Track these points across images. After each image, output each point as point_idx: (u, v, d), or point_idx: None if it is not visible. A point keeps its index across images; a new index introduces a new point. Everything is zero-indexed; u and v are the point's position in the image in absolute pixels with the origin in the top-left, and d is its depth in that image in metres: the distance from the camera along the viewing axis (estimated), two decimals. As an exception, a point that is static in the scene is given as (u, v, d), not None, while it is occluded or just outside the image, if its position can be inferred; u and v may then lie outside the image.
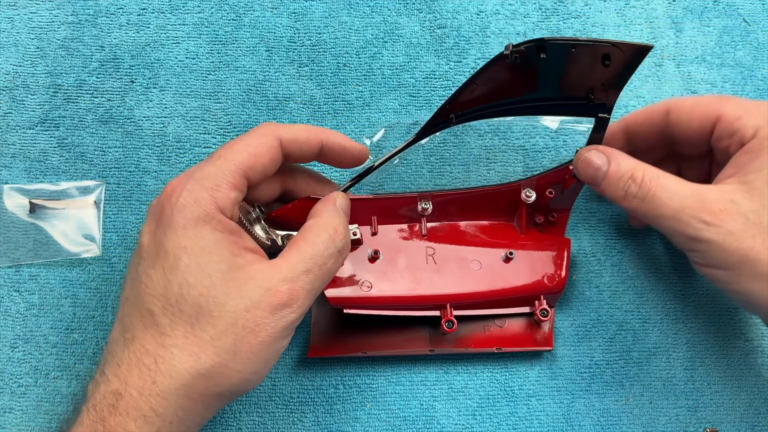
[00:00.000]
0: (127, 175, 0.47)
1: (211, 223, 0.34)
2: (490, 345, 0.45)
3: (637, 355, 0.46)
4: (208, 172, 0.35)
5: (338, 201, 0.39)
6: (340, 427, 0.44)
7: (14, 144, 0.47)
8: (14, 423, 0.43)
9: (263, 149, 0.37)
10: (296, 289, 0.34)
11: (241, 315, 0.33)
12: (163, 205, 0.35)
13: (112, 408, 0.32)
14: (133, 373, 0.33)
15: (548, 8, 0.52)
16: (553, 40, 0.36)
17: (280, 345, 0.35)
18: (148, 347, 0.33)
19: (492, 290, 0.44)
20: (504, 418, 0.45)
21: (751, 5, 0.53)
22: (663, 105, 0.42)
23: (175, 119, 0.48)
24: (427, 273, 0.44)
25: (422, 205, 0.44)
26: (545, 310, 0.44)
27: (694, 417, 0.46)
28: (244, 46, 0.50)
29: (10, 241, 0.45)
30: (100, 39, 0.49)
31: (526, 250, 0.45)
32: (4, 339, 0.44)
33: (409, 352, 0.45)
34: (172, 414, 0.33)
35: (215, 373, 0.33)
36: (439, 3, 0.51)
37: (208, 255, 0.34)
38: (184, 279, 0.33)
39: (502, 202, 0.45)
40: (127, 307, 0.35)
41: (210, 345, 0.33)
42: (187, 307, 0.33)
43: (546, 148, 0.49)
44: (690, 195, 0.36)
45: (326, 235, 0.36)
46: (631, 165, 0.39)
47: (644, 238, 0.48)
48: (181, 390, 0.32)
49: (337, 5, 0.51)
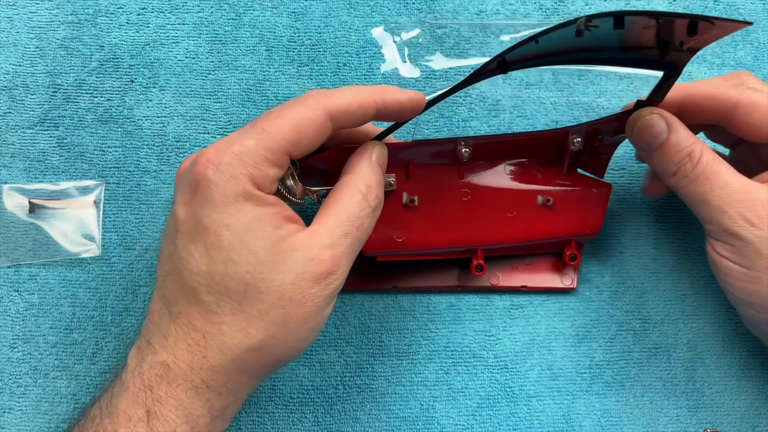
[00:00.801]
0: (126, 174, 0.47)
1: (250, 200, 0.33)
2: (515, 283, 0.46)
3: (638, 355, 0.46)
4: (247, 147, 0.33)
5: (374, 154, 0.37)
6: (340, 427, 0.44)
7: (14, 144, 0.47)
8: (14, 423, 0.43)
9: (310, 125, 0.34)
10: (338, 255, 0.34)
11: (288, 288, 0.33)
12: (198, 178, 0.33)
13: (160, 378, 0.33)
14: (180, 347, 0.33)
15: (548, 8, 0.52)
16: (631, 13, 0.33)
17: (325, 312, 0.34)
18: (195, 323, 0.33)
19: (526, 236, 0.44)
20: (504, 419, 0.45)
21: (751, 5, 0.52)
22: (732, 95, 0.39)
23: (174, 119, 0.48)
24: (462, 218, 0.43)
25: (463, 150, 0.42)
26: (574, 255, 0.44)
27: (695, 417, 0.46)
28: (243, 46, 0.50)
29: (9, 240, 0.45)
30: (100, 39, 0.49)
31: (565, 189, 0.44)
32: (3, 339, 0.44)
33: (438, 287, 0.46)
34: (221, 386, 0.33)
35: (264, 345, 0.33)
36: (439, 3, 0.51)
37: (252, 231, 0.33)
38: (228, 256, 0.32)
39: (548, 148, 0.44)
40: (168, 282, 0.34)
41: (259, 320, 0.33)
42: (233, 284, 0.32)
43: (546, 148, 0.49)
44: (739, 189, 0.36)
45: (360, 194, 0.35)
46: (692, 140, 0.38)
47: (644, 238, 0.48)
48: (231, 364, 0.33)
49: (337, 5, 0.51)
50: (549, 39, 0.35)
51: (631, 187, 0.49)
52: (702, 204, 0.37)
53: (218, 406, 0.34)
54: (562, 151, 0.43)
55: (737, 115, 0.39)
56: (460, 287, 0.46)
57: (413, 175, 0.43)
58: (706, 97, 0.40)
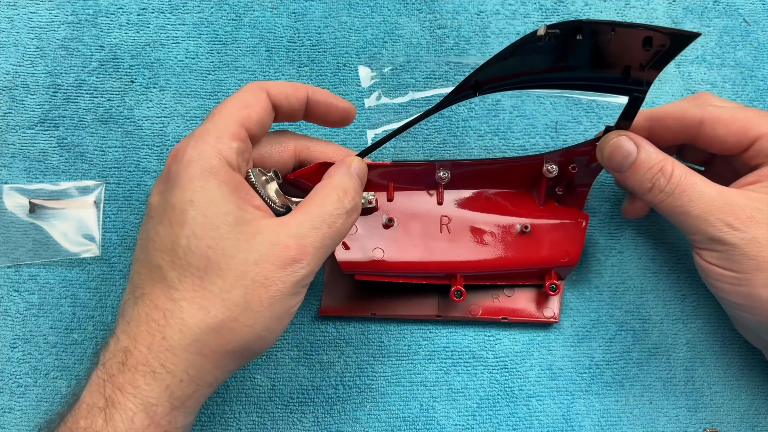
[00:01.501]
0: (126, 175, 0.47)
1: (217, 176, 0.34)
2: (496, 314, 0.45)
3: (637, 355, 0.46)
4: (207, 129, 0.35)
5: (353, 165, 0.38)
6: (339, 427, 0.44)
7: (14, 144, 0.47)
8: (14, 423, 0.43)
9: (253, 100, 0.37)
10: (305, 245, 0.34)
11: (250, 268, 0.33)
12: (169, 166, 0.35)
13: (122, 365, 0.32)
14: (141, 329, 0.32)
15: (548, 8, 0.52)
16: (591, 22, 0.35)
17: (291, 302, 0.34)
18: (157, 302, 0.33)
19: (504, 262, 0.44)
20: (504, 419, 0.45)
21: (751, 5, 0.53)
22: (696, 113, 0.41)
23: (174, 119, 0.48)
24: (440, 242, 0.43)
25: (441, 174, 0.43)
26: (554, 285, 0.44)
27: (695, 417, 0.46)
28: (244, 46, 0.50)
29: (9, 241, 0.45)
30: (100, 39, 0.49)
31: (542, 221, 0.44)
32: (3, 339, 0.44)
33: (417, 316, 0.45)
34: (182, 371, 0.32)
35: (225, 327, 0.32)
36: (439, 3, 0.51)
37: (216, 207, 0.33)
38: (192, 231, 0.33)
39: (523, 175, 0.45)
40: (136, 266, 0.35)
41: (219, 298, 0.32)
42: (195, 259, 0.32)
43: (546, 148, 0.49)
44: (717, 197, 0.37)
45: (335, 195, 0.36)
46: (661, 157, 0.39)
47: (644, 238, 0.48)
48: (191, 346, 0.32)
49: (337, 5, 0.51)
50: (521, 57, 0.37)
51: (630, 187, 0.49)
52: (683, 216, 0.38)
53: (178, 394, 0.32)
54: (538, 179, 0.44)
55: (704, 131, 0.41)
56: (439, 317, 0.45)
57: (393, 198, 0.44)
58: (673, 118, 0.42)
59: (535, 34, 0.35)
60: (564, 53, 0.38)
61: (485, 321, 0.46)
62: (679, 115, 0.41)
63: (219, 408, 0.44)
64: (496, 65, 0.37)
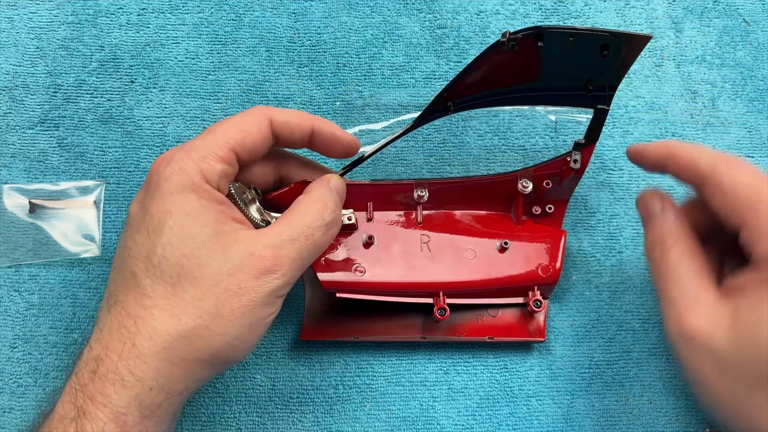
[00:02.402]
0: (126, 175, 0.47)
1: (197, 192, 0.34)
2: (482, 334, 0.45)
3: (637, 355, 0.46)
4: (195, 145, 0.35)
5: (332, 181, 0.39)
6: (339, 427, 0.44)
7: (14, 144, 0.47)
8: (14, 423, 0.43)
9: (253, 126, 0.37)
10: (280, 255, 0.34)
11: (224, 277, 0.33)
12: (150, 175, 0.35)
13: (93, 374, 0.32)
14: (113, 337, 0.32)
15: (548, 8, 0.52)
16: (550, 28, 0.36)
17: (264, 312, 0.34)
18: (129, 309, 0.33)
19: (485, 279, 0.44)
20: (504, 419, 0.45)
21: (751, 5, 0.53)
22: (701, 169, 0.35)
23: (174, 119, 0.48)
24: (421, 260, 0.44)
25: (418, 193, 0.44)
26: (538, 301, 0.44)
27: (695, 417, 0.46)
28: (243, 47, 0.50)
29: (9, 241, 0.45)
30: (100, 39, 0.49)
31: (521, 240, 0.45)
32: (3, 339, 0.44)
33: (401, 338, 0.45)
34: (151, 379, 0.32)
35: (196, 335, 0.32)
36: (439, 3, 0.51)
37: (194, 218, 0.33)
38: (168, 240, 0.33)
39: (499, 193, 0.45)
40: (113, 274, 0.35)
41: (191, 306, 0.32)
42: (169, 267, 0.33)
43: (546, 148, 0.49)
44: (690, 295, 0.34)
45: (315, 207, 0.36)
46: (665, 232, 0.37)
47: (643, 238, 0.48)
48: (161, 353, 0.32)
49: (337, 5, 0.51)
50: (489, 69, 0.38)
51: (629, 186, 0.49)
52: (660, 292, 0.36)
53: (148, 403, 0.32)
54: (514, 195, 0.45)
55: (705, 192, 0.35)
56: (424, 338, 0.45)
57: (372, 217, 0.44)
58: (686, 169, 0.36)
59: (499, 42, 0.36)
60: (530, 64, 0.39)
61: (471, 342, 0.45)
62: (692, 164, 0.36)
63: (219, 408, 0.44)
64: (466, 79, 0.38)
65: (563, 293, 0.47)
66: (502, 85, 0.41)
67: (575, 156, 0.43)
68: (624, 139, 0.50)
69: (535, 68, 0.39)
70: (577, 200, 0.49)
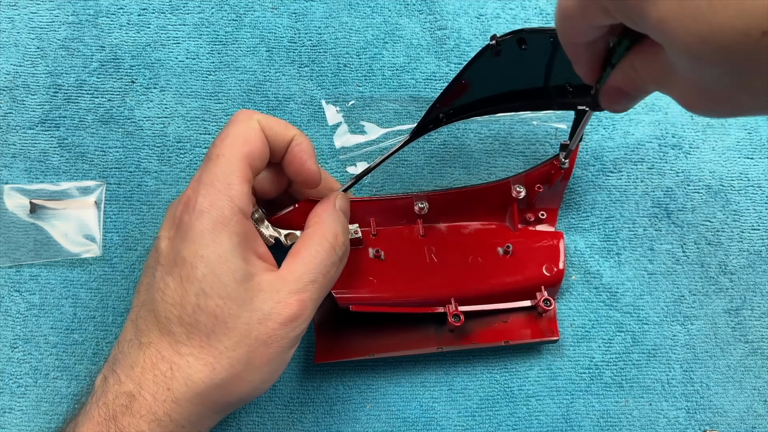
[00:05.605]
0: (127, 175, 0.47)
1: (228, 227, 0.34)
2: (497, 339, 0.45)
3: (636, 356, 0.46)
4: (214, 174, 0.35)
5: (337, 203, 0.39)
6: (339, 427, 0.44)
7: (14, 144, 0.47)
8: (14, 423, 0.43)
9: (252, 134, 0.36)
10: (305, 300, 0.35)
11: (255, 327, 0.34)
12: (181, 215, 0.35)
13: (125, 408, 0.33)
14: (147, 377, 0.33)
15: (549, 12, 0.52)
16: (531, 30, 0.36)
17: (288, 355, 0.36)
18: (164, 354, 0.34)
19: (494, 282, 0.44)
20: (504, 419, 0.45)
21: (751, 7, 0.53)
22: None
23: (175, 119, 0.48)
24: (430, 269, 0.44)
25: (419, 205, 0.45)
26: (548, 300, 0.44)
27: (693, 419, 0.46)
28: (244, 47, 0.50)
29: (10, 241, 0.45)
30: (101, 39, 0.49)
31: (522, 244, 0.46)
32: (4, 339, 0.44)
33: (418, 351, 0.45)
34: (185, 419, 0.33)
35: (229, 383, 0.34)
36: (439, 4, 0.51)
37: (225, 264, 0.34)
38: (201, 289, 0.33)
39: (494, 200, 0.46)
40: (143, 312, 0.35)
41: (225, 356, 0.33)
42: (203, 317, 0.33)
43: (545, 154, 0.49)
44: None
45: (327, 243, 0.37)
46: None
47: (642, 240, 0.48)
48: (195, 399, 0.33)
49: (338, 6, 0.51)
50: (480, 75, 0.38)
51: (627, 188, 0.49)
52: None
53: None
54: (509, 202, 0.46)
55: None
56: (440, 349, 0.44)
57: (377, 233, 0.45)
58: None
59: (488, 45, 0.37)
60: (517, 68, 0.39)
61: (487, 347, 0.45)
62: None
63: (219, 408, 0.44)
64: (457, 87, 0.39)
65: (562, 294, 0.47)
66: (493, 91, 0.41)
67: (562, 157, 0.44)
68: (624, 141, 0.50)
69: (523, 74, 0.39)
70: (577, 201, 0.49)
